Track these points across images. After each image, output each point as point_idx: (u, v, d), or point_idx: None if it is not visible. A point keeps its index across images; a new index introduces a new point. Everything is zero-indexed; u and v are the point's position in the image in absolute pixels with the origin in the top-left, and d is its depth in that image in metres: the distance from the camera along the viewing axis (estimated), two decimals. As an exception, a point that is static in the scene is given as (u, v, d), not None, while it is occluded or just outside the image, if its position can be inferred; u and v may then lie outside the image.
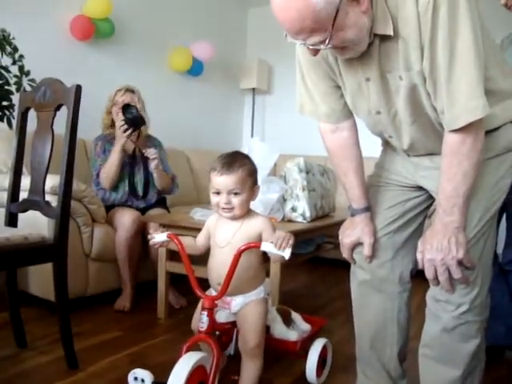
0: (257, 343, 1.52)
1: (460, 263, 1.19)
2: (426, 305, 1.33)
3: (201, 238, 1.60)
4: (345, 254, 1.49)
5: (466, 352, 1.28)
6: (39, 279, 2.38)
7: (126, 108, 2.64)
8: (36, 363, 1.82)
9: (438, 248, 1.19)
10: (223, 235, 1.52)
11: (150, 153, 2.65)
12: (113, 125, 2.76)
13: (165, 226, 2.24)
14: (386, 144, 1.48)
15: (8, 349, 1.92)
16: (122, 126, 2.59)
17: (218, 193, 1.45)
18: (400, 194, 1.44)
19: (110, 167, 2.61)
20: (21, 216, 1.91)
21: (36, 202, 1.78)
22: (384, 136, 1.40)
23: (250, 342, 1.51)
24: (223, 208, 1.45)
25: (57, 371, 1.75)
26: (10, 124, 2.60)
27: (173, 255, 2.34)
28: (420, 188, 1.41)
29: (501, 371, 1.94)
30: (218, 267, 1.50)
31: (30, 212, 1.86)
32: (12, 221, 1.88)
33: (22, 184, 1.94)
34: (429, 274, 1.23)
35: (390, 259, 1.44)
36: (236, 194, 1.44)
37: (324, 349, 1.80)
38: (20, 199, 1.90)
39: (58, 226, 1.70)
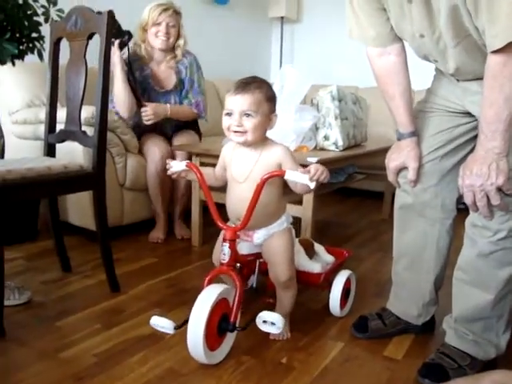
0: (288, 276, 1.50)
1: (499, 190, 1.18)
2: (465, 230, 1.34)
3: (218, 168, 1.54)
4: (390, 178, 1.50)
5: (500, 278, 1.29)
6: (78, 209, 2.46)
7: None
8: (81, 286, 1.93)
9: (478, 174, 1.18)
10: (241, 169, 1.45)
11: (145, 114, 2.51)
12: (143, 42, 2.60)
13: (197, 156, 2.27)
14: (437, 69, 1.45)
15: (54, 273, 2.03)
16: None
17: (230, 114, 1.36)
18: (448, 121, 1.42)
19: (118, 95, 2.48)
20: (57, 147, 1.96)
21: (73, 132, 1.81)
22: (429, 60, 1.36)
23: (281, 276, 1.49)
24: (235, 131, 1.37)
25: (100, 293, 1.85)
26: (41, 56, 2.58)
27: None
28: (469, 114, 1.38)
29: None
30: (237, 202, 1.45)
31: (65, 144, 1.90)
32: (50, 151, 1.93)
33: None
34: (467, 200, 1.23)
35: (434, 185, 1.44)
36: (248, 115, 1.34)
37: (348, 281, 1.76)
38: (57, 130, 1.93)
39: (95, 155, 1.74)
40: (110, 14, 1.66)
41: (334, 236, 2.74)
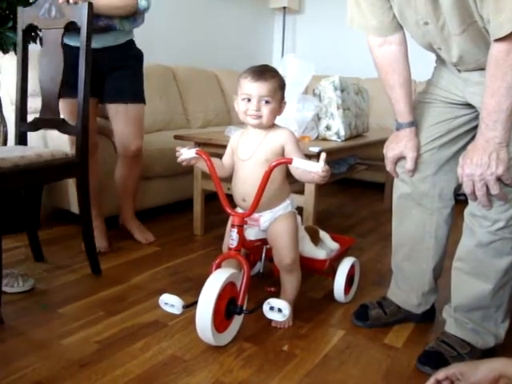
0: (292, 259, 1.54)
1: (499, 179, 1.18)
2: (464, 220, 1.34)
3: (226, 157, 1.59)
4: (388, 168, 1.51)
5: (499, 267, 1.30)
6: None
7: None
8: (83, 274, 1.92)
9: (478, 163, 1.18)
10: (246, 148, 1.51)
11: None
12: None
13: (200, 145, 2.27)
14: (438, 59, 1.45)
15: (57, 261, 2.04)
16: None
17: (249, 99, 1.43)
18: (447, 112, 1.42)
19: None
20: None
21: (51, 120, 1.80)
22: (433, 48, 1.35)
23: (285, 259, 1.54)
24: (251, 115, 1.44)
25: (103, 281, 1.86)
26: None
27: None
28: (469, 105, 1.38)
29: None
30: (241, 181, 1.51)
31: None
32: (22, 140, 1.89)
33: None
34: (467, 189, 1.23)
35: (431, 174, 1.44)
36: (267, 102, 1.43)
37: (352, 267, 1.78)
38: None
39: (79, 143, 1.74)
40: (90, 5, 1.65)
41: (336, 226, 2.74)
